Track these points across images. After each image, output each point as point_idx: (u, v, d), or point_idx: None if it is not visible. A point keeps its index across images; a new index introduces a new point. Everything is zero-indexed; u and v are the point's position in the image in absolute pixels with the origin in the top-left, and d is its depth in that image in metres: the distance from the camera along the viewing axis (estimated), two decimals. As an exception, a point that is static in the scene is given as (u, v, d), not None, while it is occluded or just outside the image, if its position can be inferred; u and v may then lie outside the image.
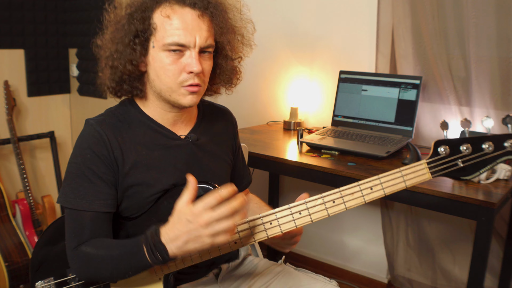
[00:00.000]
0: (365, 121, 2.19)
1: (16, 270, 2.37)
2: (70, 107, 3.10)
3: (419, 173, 1.06)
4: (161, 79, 1.09)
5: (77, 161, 1.09)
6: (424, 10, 2.05)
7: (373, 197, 1.07)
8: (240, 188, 1.39)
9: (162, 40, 1.06)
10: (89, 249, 1.05)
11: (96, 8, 2.72)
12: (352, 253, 2.59)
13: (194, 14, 1.07)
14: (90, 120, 1.14)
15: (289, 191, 2.75)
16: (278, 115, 2.65)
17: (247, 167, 1.44)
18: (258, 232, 1.06)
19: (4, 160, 2.78)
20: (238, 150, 1.37)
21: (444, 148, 1.05)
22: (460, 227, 2.19)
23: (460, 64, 2.04)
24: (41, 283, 1.15)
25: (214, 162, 1.24)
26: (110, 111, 1.18)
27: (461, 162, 1.05)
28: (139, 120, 1.16)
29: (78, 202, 1.06)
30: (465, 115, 2.05)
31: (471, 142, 1.05)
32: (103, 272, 1.04)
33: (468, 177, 1.06)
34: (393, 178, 1.07)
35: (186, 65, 1.07)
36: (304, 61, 2.52)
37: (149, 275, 1.12)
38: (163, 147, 1.15)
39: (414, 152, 1.81)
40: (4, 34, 2.68)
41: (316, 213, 1.06)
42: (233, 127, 1.36)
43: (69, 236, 1.08)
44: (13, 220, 2.50)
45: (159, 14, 1.07)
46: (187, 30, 1.06)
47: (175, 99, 1.11)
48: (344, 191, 1.07)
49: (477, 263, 1.55)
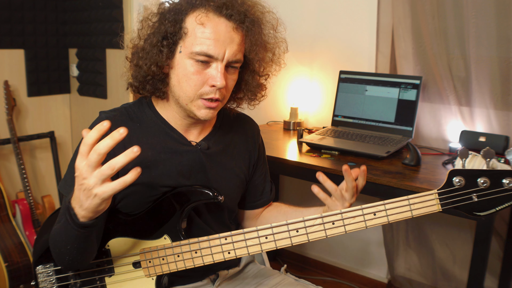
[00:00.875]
0: (365, 121, 2.19)
1: (16, 270, 2.37)
2: (70, 107, 3.10)
3: (428, 203, 0.98)
4: (182, 86, 1.06)
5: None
6: (424, 10, 2.05)
7: (376, 223, 1.01)
8: (256, 205, 1.35)
9: (190, 47, 1.03)
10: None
11: (96, 8, 2.72)
12: (352, 253, 2.59)
13: (228, 26, 1.03)
14: (102, 113, 1.14)
15: (289, 191, 2.75)
16: (278, 115, 2.65)
17: (270, 183, 1.36)
18: (253, 246, 1.06)
19: (4, 160, 2.77)
20: (258, 164, 1.31)
21: (459, 180, 0.95)
22: (460, 227, 2.19)
23: (460, 64, 2.04)
24: (41, 267, 1.17)
25: (223, 174, 1.21)
26: (125, 107, 1.17)
27: (476, 196, 0.96)
28: (151, 121, 1.15)
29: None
30: (465, 115, 2.05)
31: (490, 176, 0.95)
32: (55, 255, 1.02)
33: (482, 214, 0.96)
34: (399, 206, 0.99)
35: (210, 77, 1.05)
36: (304, 61, 2.52)
37: (143, 276, 1.12)
38: (170, 151, 1.14)
39: (414, 152, 1.81)
40: (4, 34, 2.68)
41: (314, 233, 1.03)
42: (254, 138, 1.29)
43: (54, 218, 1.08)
44: (13, 220, 2.49)
45: (193, 19, 1.03)
46: (218, 41, 1.02)
47: (191, 109, 1.09)
48: (346, 213, 1.02)
49: (477, 263, 1.54)
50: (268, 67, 1.17)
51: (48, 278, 1.16)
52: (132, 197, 1.12)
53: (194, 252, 1.08)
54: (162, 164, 1.13)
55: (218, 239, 1.07)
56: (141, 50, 1.07)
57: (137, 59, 1.08)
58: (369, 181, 1.67)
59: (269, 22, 1.13)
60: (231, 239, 1.06)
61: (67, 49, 3.02)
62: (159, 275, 1.12)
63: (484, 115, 2.00)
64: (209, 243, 1.08)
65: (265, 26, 1.12)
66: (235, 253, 1.07)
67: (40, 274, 1.17)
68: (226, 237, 1.06)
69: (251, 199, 1.34)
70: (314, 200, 1.14)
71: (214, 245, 1.07)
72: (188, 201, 1.12)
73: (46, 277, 1.16)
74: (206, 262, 1.08)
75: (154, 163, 1.13)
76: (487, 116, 1.99)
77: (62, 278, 1.17)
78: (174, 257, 1.10)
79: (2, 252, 2.35)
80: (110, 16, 2.63)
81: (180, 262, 1.09)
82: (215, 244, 1.07)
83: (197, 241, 1.08)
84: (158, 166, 1.13)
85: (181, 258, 1.09)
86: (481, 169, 0.96)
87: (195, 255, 1.08)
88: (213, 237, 1.07)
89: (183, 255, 1.09)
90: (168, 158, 1.14)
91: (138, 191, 1.12)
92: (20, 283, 2.39)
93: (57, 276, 1.17)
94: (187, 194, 1.12)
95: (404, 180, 1.61)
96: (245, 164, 1.27)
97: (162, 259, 1.11)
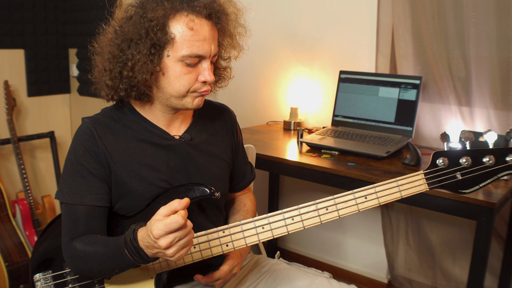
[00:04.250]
0: (365, 121, 2.19)
1: (16, 270, 2.37)
2: (70, 107, 3.10)
3: (416, 183, 1.05)
4: (174, 86, 1.10)
5: (71, 157, 1.12)
6: (424, 10, 2.05)
7: (367, 206, 1.06)
8: (242, 186, 1.40)
9: (180, 50, 1.06)
10: (79, 245, 1.08)
11: (96, 8, 2.72)
12: (352, 253, 2.59)
13: (209, 24, 1.09)
14: (85, 118, 1.16)
15: (289, 191, 2.75)
16: (278, 115, 2.65)
17: (249, 164, 1.44)
18: (250, 236, 1.07)
19: (4, 160, 2.78)
20: (238, 148, 1.36)
21: (443, 160, 1.04)
22: (460, 227, 2.19)
23: (460, 64, 2.04)
24: (39, 275, 1.17)
25: (212, 161, 1.24)
26: (105, 111, 1.20)
27: (460, 174, 1.03)
28: (133, 120, 1.17)
29: (71, 197, 1.09)
30: (465, 115, 2.05)
31: (471, 155, 1.03)
32: (91, 268, 1.06)
33: (466, 191, 1.04)
34: (389, 188, 1.05)
35: (201, 74, 1.10)
36: (304, 61, 2.52)
37: (141, 273, 1.13)
38: (156, 146, 1.16)
39: (414, 152, 1.81)
40: (4, 34, 2.69)
41: (309, 219, 1.06)
42: (232, 124, 1.35)
43: (64, 231, 1.11)
44: (13, 220, 2.50)
45: (178, 23, 1.06)
46: (205, 41, 1.08)
47: (183, 104, 1.13)
48: (338, 198, 1.06)
49: (477, 263, 1.55)
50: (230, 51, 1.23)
51: (46, 285, 1.16)
52: (128, 195, 1.13)
53: (193, 247, 1.09)
54: (150, 159, 1.15)
55: (215, 232, 1.08)
56: (127, 60, 1.06)
57: (120, 68, 1.07)
58: (369, 181, 1.67)
59: (232, 13, 1.19)
60: (229, 231, 1.08)
61: (67, 49, 3.02)
62: (158, 273, 1.12)
63: (484, 115, 2.00)
64: (207, 237, 1.09)
65: (229, 15, 1.18)
66: (233, 245, 1.09)
67: (38, 282, 1.17)
68: (223, 230, 1.08)
69: (236, 181, 1.38)
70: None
71: (212, 239, 1.08)
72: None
73: (44, 284, 1.16)
74: (204, 256, 1.09)
75: (143, 159, 1.14)
76: (487, 116, 1.99)
77: (60, 284, 1.16)
78: None
79: (2, 252, 2.35)
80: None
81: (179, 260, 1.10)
82: (213, 238, 1.08)
83: (195, 236, 1.08)
84: (147, 161, 1.14)
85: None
86: (462, 149, 1.03)
87: (193, 250, 1.09)
88: (211, 231, 1.09)
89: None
90: (155, 153, 1.16)
91: (132, 189, 1.13)
92: (20, 283, 2.39)
93: (55, 282, 1.16)
94: (184, 192, 1.13)
95: (404, 180, 1.61)
96: (229, 149, 1.31)
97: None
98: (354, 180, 1.72)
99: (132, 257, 0.98)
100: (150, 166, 1.14)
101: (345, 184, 1.77)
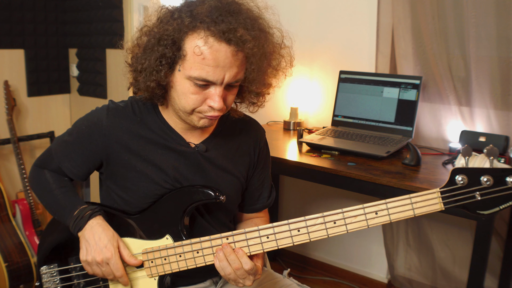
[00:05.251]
0: (365, 121, 2.19)
1: (16, 270, 2.37)
2: (70, 107, 3.10)
3: (430, 202, 0.97)
4: (181, 102, 1.06)
5: (78, 124, 1.20)
6: (424, 10, 2.05)
7: (377, 222, 0.99)
8: (253, 209, 1.32)
9: (189, 70, 1.01)
10: (48, 175, 1.23)
11: (96, 8, 2.72)
12: (352, 253, 2.59)
13: (228, 51, 0.99)
14: (110, 103, 1.18)
15: (289, 191, 2.75)
16: (278, 115, 2.65)
17: (269, 188, 1.33)
18: (254, 245, 1.06)
19: (4, 160, 2.77)
20: (257, 167, 1.28)
21: (462, 178, 0.94)
22: (460, 227, 2.19)
23: (460, 64, 2.04)
24: (45, 268, 1.19)
25: (223, 176, 1.20)
26: (131, 101, 1.19)
27: (479, 195, 0.94)
28: (152, 119, 1.17)
29: (57, 149, 1.22)
30: (465, 115, 2.05)
31: (494, 174, 0.93)
32: (42, 197, 1.22)
33: (485, 212, 0.95)
34: (401, 205, 0.98)
35: (209, 99, 1.04)
36: (304, 61, 2.52)
37: (144, 276, 1.13)
38: (168, 148, 1.16)
39: (414, 152, 1.81)
40: (4, 34, 2.68)
41: (316, 232, 1.02)
42: (256, 141, 1.27)
43: (40, 158, 1.26)
44: (13, 220, 2.49)
45: (192, 42, 0.99)
46: (218, 67, 1.00)
47: (190, 120, 1.10)
48: (347, 212, 1.00)
49: (477, 263, 1.55)
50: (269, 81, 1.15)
51: (52, 279, 1.18)
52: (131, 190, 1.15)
53: (196, 252, 1.09)
54: (159, 159, 1.15)
55: (219, 239, 1.07)
56: (141, 67, 1.06)
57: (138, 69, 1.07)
58: (369, 181, 1.67)
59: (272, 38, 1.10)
60: (233, 239, 1.06)
61: (67, 49, 3.02)
62: (161, 275, 1.12)
63: (484, 115, 2.00)
64: (211, 243, 1.08)
65: (267, 42, 1.08)
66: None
67: (44, 275, 1.18)
68: (227, 237, 1.07)
69: (247, 202, 1.32)
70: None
71: (215, 245, 1.07)
72: (189, 201, 1.12)
73: (50, 277, 1.18)
74: (207, 261, 1.09)
75: (152, 158, 1.14)
76: (487, 116, 1.99)
77: (66, 279, 1.17)
78: (176, 257, 1.10)
79: (2, 252, 2.35)
80: (110, 16, 2.63)
81: (182, 262, 1.10)
82: (217, 244, 1.07)
83: (199, 241, 1.08)
84: (155, 160, 1.14)
85: (183, 258, 1.10)
86: (484, 167, 0.94)
87: (196, 255, 1.09)
88: (214, 237, 1.07)
89: (185, 255, 1.10)
90: (165, 154, 1.15)
91: (137, 182, 1.14)
92: (20, 283, 2.39)
93: (61, 276, 1.18)
94: (189, 194, 1.13)
95: (404, 180, 1.61)
96: (245, 167, 1.25)
97: (164, 259, 1.11)
98: (354, 180, 1.72)
99: (71, 224, 1.13)
100: (157, 166, 1.14)
101: (345, 184, 1.77)
